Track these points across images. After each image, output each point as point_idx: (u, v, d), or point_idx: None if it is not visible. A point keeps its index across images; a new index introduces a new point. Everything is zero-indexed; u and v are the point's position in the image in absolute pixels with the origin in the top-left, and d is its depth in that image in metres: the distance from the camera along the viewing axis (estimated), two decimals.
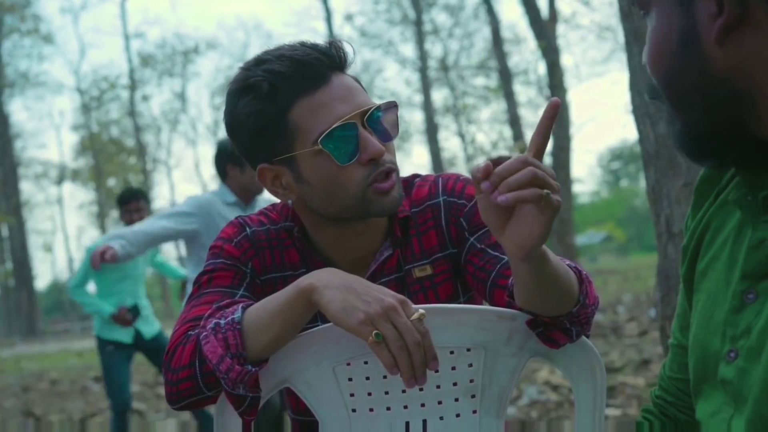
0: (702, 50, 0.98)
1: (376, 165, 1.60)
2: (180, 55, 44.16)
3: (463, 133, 39.53)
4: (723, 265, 1.13)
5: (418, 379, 1.39)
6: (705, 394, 1.12)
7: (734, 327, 1.06)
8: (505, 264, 1.60)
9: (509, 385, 1.57)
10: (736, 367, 1.04)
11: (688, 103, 1.02)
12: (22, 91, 40.59)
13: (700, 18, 0.97)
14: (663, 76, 1.04)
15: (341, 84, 1.60)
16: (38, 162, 46.19)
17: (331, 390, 1.55)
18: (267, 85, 1.57)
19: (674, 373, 1.33)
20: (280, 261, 1.73)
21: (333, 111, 1.57)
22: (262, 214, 1.78)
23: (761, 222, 1.04)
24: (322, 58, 1.59)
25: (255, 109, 1.59)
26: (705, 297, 1.16)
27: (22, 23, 36.95)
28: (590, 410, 1.59)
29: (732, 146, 1.04)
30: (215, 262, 1.69)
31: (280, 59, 1.58)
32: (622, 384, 6.08)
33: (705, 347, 1.12)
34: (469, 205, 1.71)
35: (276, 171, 1.65)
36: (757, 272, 1.04)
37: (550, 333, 1.51)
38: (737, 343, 1.05)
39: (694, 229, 1.23)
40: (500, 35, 21.94)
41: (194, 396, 1.51)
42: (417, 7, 30.19)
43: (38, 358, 17.56)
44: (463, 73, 35.59)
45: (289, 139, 1.60)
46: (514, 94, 22.58)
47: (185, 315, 1.61)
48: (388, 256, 1.72)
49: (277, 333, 1.46)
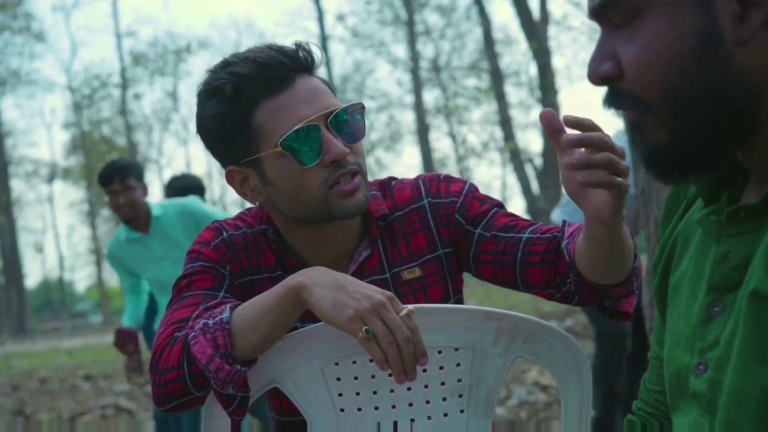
0: (724, 52, 0.95)
1: (339, 167, 1.60)
2: (172, 54, 44.07)
3: (454, 134, 39.54)
4: (690, 281, 1.13)
5: (408, 374, 1.40)
6: (681, 408, 1.12)
7: (702, 340, 1.06)
8: (527, 242, 1.64)
9: (496, 384, 1.58)
10: (707, 380, 1.03)
11: (694, 110, 0.98)
12: (13, 89, 40.48)
13: (723, 17, 0.94)
14: (668, 81, 0.99)
15: (306, 86, 1.61)
16: (29, 160, 46.00)
17: (320, 390, 1.56)
18: (230, 87, 1.58)
19: (653, 385, 1.34)
20: (256, 264, 1.73)
21: (296, 113, 1.58)
22: (239, 218, 1.79)
23: (724, 236, 1.03)
24: (286, 60, 1.60)
25: (219, 112, 1.60)
26: (677, 313, 1.16)
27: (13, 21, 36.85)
28: (577, 410, 1.60)
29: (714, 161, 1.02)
30: (194, 266, 1.70)
31: (245, 62, 1.59)
32: None
33: (676, 362, 1.12)
34: (459, 201, 1.72)
35: (244, 173, 1.66)
36: (723, 285, 1.03)
37: (619, 307, 1.62)
38: (705, 356, 1.04)
39: (664, 244, 1.23)
40: (492, 36, 21.99)
41: (183, 397, 1.52)
42: (409, 7, 30.22)
43: (28, 357, 17.52)
44: (455, 73, 35.60)
45: (254, 141, 1.61)
46: (505, 95, 22.64)
47: (168, 318, 1.61)
48: (367, 256, 1.72)
49: (266, 332, 1.47)
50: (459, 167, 39.74)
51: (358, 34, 35.02)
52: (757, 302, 0.93)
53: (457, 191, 1.74)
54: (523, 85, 34.23)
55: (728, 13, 0.94)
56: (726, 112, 0.97)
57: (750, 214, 0.99)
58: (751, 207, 0.98)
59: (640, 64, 1.00)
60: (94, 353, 16.21)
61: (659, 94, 0.99)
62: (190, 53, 44.62)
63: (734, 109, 0.96)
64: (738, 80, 0.95)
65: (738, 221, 1.01)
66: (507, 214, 1.72)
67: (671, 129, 1.00)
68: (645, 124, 1.02)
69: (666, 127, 1.01)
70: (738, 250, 1.01)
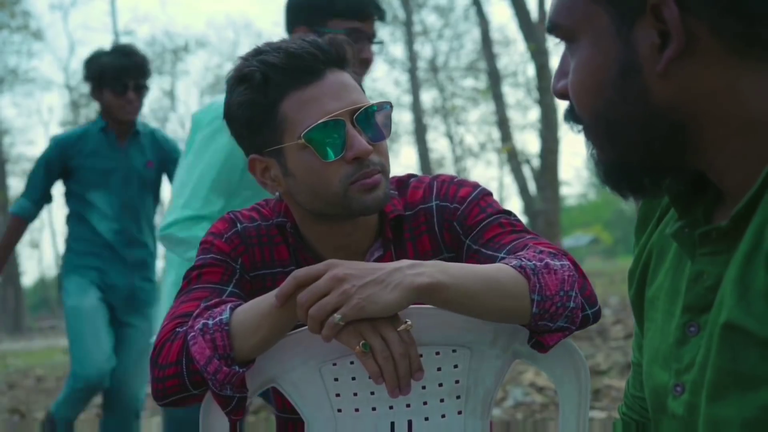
0: (643, 82, 0.96)
1: (362, 165, 1.60)
2: (169, 53, 44.00)
3: (452, 135, 39.50)
4: (666, 296, 1.13)
5: (403, 389, 1.40)
6: (664, 425, 1.11)
7: (679, 361, 1.05)
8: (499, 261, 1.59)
9: (494, 386, 1.58)
10: (684, 402, 1.03)
11: (623, 136, 1.00)
12: (11, 87, 40.39)
13: (642, 49, 0.95)
14: (595, 107, 1.01)
15: (335, 80, 1.61)
16: (26, 158, 45.93)
17: (317, 390, 1.56)
18: (260, 75, 1.58)
19: (636, 391, 1.33)
20: (269, 257, 1.73)
21: (322, 106, 1.58)
22: (254, 210, 1.78)
23: (698, 254, 1.03)
24: (317, 53, 1.60)
25: (246, 99, 1.60)
26: (654, 327, 1.15)
27: (11, 19, 36.78)
28: (575, 412, 1.60)
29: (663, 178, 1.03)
30: (205, 258, 1.69)
31: (276, 51, 1.59)
32: (608, 387, 6.09)
33: (655, 380, 1.12)
34: (461, 208, 1.71)
35: (265, 163, 1.66)
36: (697, 305, 1.02)
37: (540, 338, 1.50)
38: (682, 377, 1.04)
39: (639, 255, 1.22)
40: (490, 37, 21.93)
41: (180, 394, 1.52)
42: (407, 7, 30.17)
43: (24, 355, 17.47)
44: (453, 74, 35.56)
45: (278, 131, 1.61)
46: (502, 95, 22.59)
47: (174, 310, 1.61)
48: (379, 256, 1.72)
49: (265, 335, 1.47)
50: (456, 168, 39.71)
51: None
52: (731, 334, 0.91)
53: (464, 197, 1.72)
54: (520, 85, 34.22)
55: (647, 45, 0.95)
56: (654, 139, 0.98)
57: (721, 235, 0.98)
58: (720, 228, 0.98)
59: (573, 87, 1.03)
60: None
61: (591, 117, 1.02)
62: (187, 52, 44.53)
63: (662, 136, 0.97)
64: (662, 110, 0.96)
65: (710, 241, 1.00)
66: (500, 225, 1.67)
67: (608, 150, 1.03)
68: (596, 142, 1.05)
69: (600, 147, 1.03)
70: (711, 270, 1.00)
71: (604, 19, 0.97)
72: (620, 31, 0.96)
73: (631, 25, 0.96)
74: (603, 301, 14.14)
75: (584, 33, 1.00)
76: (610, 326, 9.87)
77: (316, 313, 1.37)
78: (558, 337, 1.49)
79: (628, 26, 0.96)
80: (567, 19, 1.02)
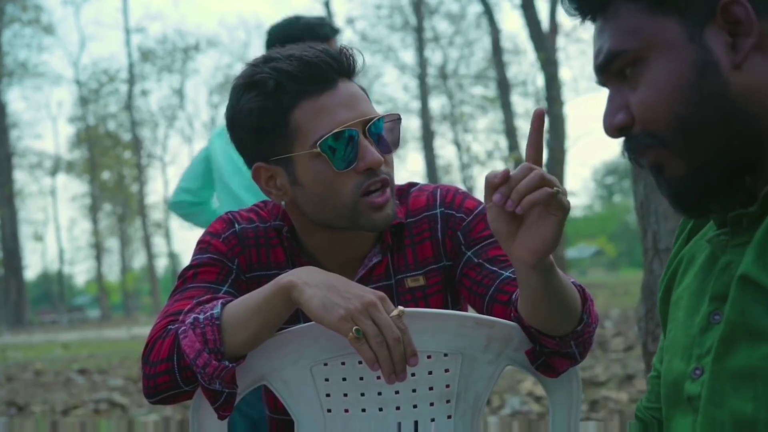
0: (722, 77, 1.02)
1: (372, 175, 1.60)
2: (180, 51, 44.17)
3: (459, 142, 39.61)
4: (692, 295, 1.17)
5: (398, 374, 1.40)
6: (676, 419, 1.14)
7: (700, 346, 1.09)
8: (504, 280, 1.60)
9: (485, 392, 1.57)
10: (702, 383, 1.06)
11: (705, 137, 1.04)
12: (20, 80, 40.60)
13: (716, 48, 1.02)
14: (676, 114, 1.05)
15: (347, 90, 1.60)
16: (33, 152, 46.14)
17: (308, 389, 1.55)
18: (273, 82, 1.57)
19: (651, 403, 1.36)
20: (266, 259, 1.73)
21: (336, 116, 1.57)
22: (253, 211, 1.78)
23: (730, 247, 1.09)
24: (331, 62, 1.59)
25: (258, 106, 1.59)
26: (675, 325, 1.19)
27: (23, 13, 36.93)
28: (565, 420, 1.60)
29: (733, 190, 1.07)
30: (201, 257, 1.69)
31: (289, 59, 1.58)
32: (605, 398, 6.08)
33: (674, 373, 1.15)
34: (467, 219, 1.71)
35: (272, 171, 1.65)
36: (724, 293, 1.06)
37: (551, 360, 1.52)
38: (702, 361, 1.08)
39: (669, 264, 1.27)
40: (500, 45, 22.00)
41: (171, 390, 1.52)
42: (418, 13, 30.25)
43: (24, 348, 17.52)
44: (462, 81, 35.67)
45: (288, 140, 1.59)
46: (511, 104, 22.66)
47: (168, 308, 1.61)
48: (377, 262, 1.71)
49: (255, 330, 1.47)
50: (463, 175, 39.79)
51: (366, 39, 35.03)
52: (744, 286, 0.99)
53: (470, 208, 1.72)
54: (529, 95, 34.34)
55: (721, 44, 1.02)
56: (733, 134, 1.03)
57: (752, 222, 1.05)
58: (750, 213, 1.04)
59: (647, 103, 1.07)
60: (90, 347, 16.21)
61: (669, 127, 1.06)
62: (198, 51, 44.77)
63: (740, 130, 1.03)
64: (739, 101, 1.02)
65: (741, 231, 1.07)
66: None
67: (687, 158, 1.06)
68: (663, 160, 1.08)
69: (682, 158, 1.07)
70: (740, 259, 1.04)
71: (674, 29, 1.05)
72: (693, 36, 1.04)
73: (701, 29, 1.04)
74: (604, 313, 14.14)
75: (654, 48, 1.06)
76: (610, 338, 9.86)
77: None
78: (568, 364, 1.53)
79: (699, 30, 1.04)
80: (633, 42, 1.07)
